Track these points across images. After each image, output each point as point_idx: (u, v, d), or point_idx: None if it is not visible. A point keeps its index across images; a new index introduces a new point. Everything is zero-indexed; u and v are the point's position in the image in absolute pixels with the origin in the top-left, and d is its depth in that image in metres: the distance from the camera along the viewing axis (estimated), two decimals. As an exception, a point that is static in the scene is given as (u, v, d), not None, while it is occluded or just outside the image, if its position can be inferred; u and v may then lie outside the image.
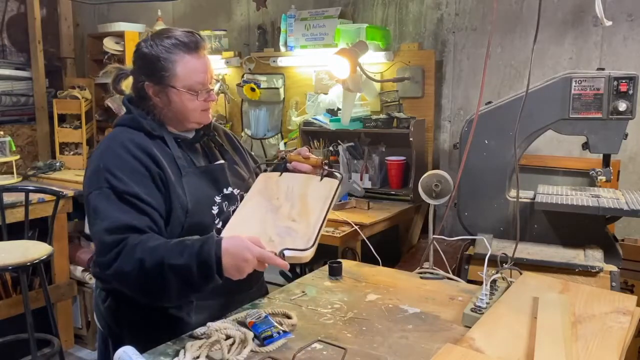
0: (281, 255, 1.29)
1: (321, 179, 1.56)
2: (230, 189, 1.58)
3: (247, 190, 1.62)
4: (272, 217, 1.45)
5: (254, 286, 1.67)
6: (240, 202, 1.59)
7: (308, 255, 1.32)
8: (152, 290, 1.33)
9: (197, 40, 1.48)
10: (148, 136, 1.48)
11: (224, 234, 1.36)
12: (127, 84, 1.58)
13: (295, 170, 1.62)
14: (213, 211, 1.52)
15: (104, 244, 1.33)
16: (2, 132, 3.70)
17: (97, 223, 1.36)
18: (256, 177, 1.66)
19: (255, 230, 1.38)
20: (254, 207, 1.50)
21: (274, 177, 1.59)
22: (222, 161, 1.62)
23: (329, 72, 2.84)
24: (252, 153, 1.88)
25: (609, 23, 1.80)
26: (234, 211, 1.57)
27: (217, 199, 1.54)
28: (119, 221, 1.34)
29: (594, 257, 2.01)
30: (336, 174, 1.59)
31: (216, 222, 1.52)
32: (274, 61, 3.42)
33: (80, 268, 3.52)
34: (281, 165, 1.66)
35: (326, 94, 3.22)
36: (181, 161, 1.50)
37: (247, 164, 1.74)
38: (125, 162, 1.41)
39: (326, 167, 1.59)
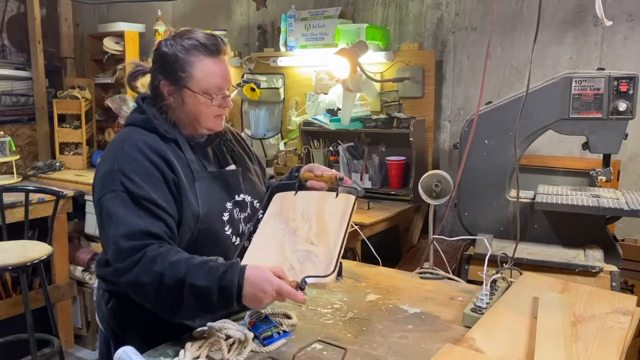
0: (303, 283, 1.25)
1: (337, 196, 1.53)
2: (242, 195, 1.56)
3: (258, 198, 1.60)
4: (290, 241, 1.42)
5: None
6: (251, 209, 1.58)
7: (330, 280, 1.30)
8: (166, 305, 1.30)
9: (218, 43, 1.46)
10: (161, 139, 1.45)
11: (244, 261, 1.33)
12: (142, 83, 1.55)
13: (310, 189, 1.60)
14: (224, 217, 1.50)
15: (121, 250, 1.30)
16: (2, 132, 3.70)
17: (112, 228, 1.33)
18: (267, 190, 1.64)
19: (275, 256, 1.36)
20: (271, 231, 1.46)
21: (289, 197, 1.57)
22: (234, 167, 1.60)
23: (329, 72, 2.83)
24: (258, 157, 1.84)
25: (609, 23, 1.80)
26: (244, 219, 1.56)
27: (229, 205, 1.52)
28: (136, 227, 1.31)
29: (594, 257, 2.01)
30: (355, 187, 1.57)
31: (226, 228, 1.50)
32: (274, 61, 3.42)
33: (80, 268, 3.52)
34: (295, 184, 1.62)
35: (326, 94, 3.22)
36: (194, 165, 1.48)
37: (258, 172, 1.72)
38: (141, 166, 1.38)
39: (341, 183, 1.56)
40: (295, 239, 1.42)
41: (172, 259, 1.27)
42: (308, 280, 1.26)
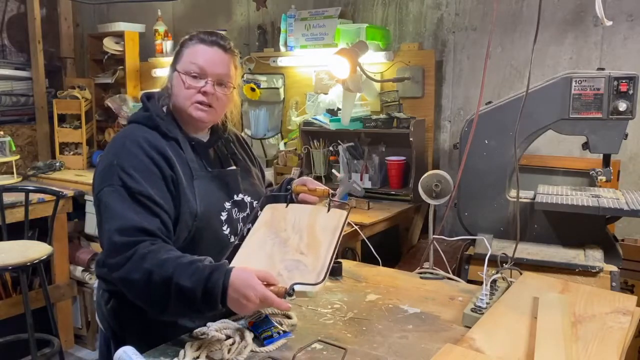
0: (291, 289, 1.25)
1: (328, 210, 1.52)
2: (240, 195, 1.57)
3: (258, 199, 1.61)
4: (279, 251, 1.41)
5: None
6: (250, 209, 1.58)
7: (318, 289, 1.29)
8: (154, 302, 1.31)
9: (216, 39, 1.51)
10: (162, 137, 1.47)
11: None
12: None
13: (302, 202, 1.60)
14: (222, 217, 1.50)
15: (114, 245, 1.32)
16: (2, 132, 3.70)
17: (108, 222, 1.34)
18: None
19: (264, 264, 1.35)
20: (261, 240, 1.46)
21: (280, 209, 1.56)
22: (234, 167, 1.61)
23: (329, 72, 2.83)
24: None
25: (609, 23, 1.80)
26: (242, 219, 1.56)
27: (227, 204, 1.53)
28: (131, 222, 1.32)
29: (594, 257, 2.01)
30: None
31: (224, 227, 1.51)
32: (274, 61, 3.42)
33: (80, 268, 3.52)
34: (287, 197, 1.63)
35: (326, 94, 3.22)
36: (194, 164, 1.49)
37: (259, 175, 1.72)
38: (140, 162, 1.39)
39: (333, 198, 1.55)
40: (286, 249, 1.42)
41: (161, 257, 1.28)
42: (296, 287, 1.25)
